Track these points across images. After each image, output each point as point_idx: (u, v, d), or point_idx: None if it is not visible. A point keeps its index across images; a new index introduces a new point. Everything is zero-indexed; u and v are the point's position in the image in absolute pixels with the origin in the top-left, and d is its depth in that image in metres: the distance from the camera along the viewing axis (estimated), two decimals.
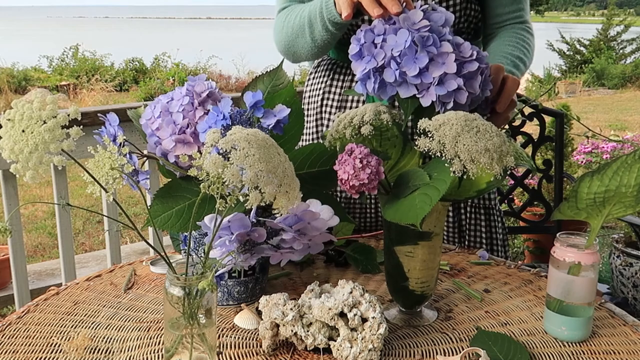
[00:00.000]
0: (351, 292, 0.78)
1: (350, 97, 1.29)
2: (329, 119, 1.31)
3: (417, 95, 0.84)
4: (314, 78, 1.37)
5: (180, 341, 0.72)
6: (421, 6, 0.87)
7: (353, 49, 0.87)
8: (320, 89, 1.33)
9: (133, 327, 0.87)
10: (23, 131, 0.65)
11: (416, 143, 0.77)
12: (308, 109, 1.36)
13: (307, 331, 0.78)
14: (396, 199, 0.80)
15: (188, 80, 0.92)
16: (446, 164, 0.74)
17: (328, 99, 1.31)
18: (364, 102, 1.25)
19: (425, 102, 0.84)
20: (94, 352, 0.80)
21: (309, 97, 1.37)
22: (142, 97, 9.91)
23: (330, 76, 1.32)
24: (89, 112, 1.78)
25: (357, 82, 0.89)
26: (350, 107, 1.28)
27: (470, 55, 0.84)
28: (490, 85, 0.89)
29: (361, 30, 0.86)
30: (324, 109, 1.32)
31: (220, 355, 0.79)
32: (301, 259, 0.93)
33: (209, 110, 0.89)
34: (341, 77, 1.30)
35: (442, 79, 0.83)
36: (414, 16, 0.84)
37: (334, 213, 0.87)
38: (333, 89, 1.31)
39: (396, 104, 1.05)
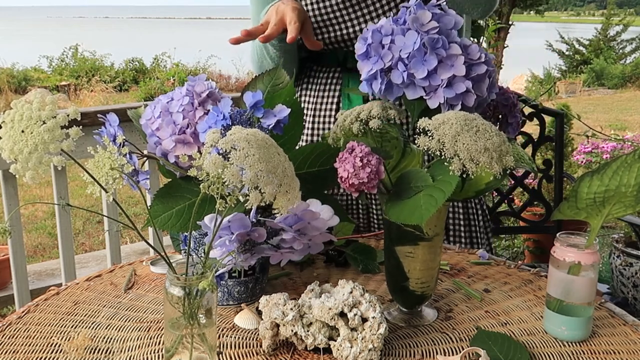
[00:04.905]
0: (351, 292, 0.78)
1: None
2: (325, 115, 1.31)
3: (425, 97, 0.84)
4: None
5: (181, 341, 0.72)
6: (437, 0, 0.86)
7: (359, 48, 0.86)
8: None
9: (133, 327, 0.87)
10: (22, 131, 0.65)
11: (416, 142, 0.77)
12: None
13: (307, 331, 0.78)
14: (399, 200, 0.80)
15: (188, 80, 0.92)
16: (445, 163, 0.74)
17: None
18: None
19: (433, 104, 0.83)
20: (94, 352, 0.80)
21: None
22: (142, 97, 9.91)
23: None
24: (88, 113, 1.78)
25: (362, 81, 0.89)
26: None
27: (478, 58, 0.83)
28: (496, 88, 0.89)
29: (368, 30, 0.86)
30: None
31: (220, 355, 0.79)
32: (301, 259, 0.93)
33: (209, 110, 0.89)
34: None
35: (451, 81, 0.82)
36: (423, 17, 0.84)
37: (334, 213, 0.87)
38: None
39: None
